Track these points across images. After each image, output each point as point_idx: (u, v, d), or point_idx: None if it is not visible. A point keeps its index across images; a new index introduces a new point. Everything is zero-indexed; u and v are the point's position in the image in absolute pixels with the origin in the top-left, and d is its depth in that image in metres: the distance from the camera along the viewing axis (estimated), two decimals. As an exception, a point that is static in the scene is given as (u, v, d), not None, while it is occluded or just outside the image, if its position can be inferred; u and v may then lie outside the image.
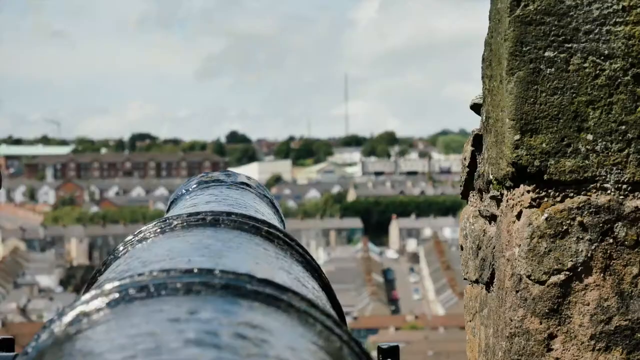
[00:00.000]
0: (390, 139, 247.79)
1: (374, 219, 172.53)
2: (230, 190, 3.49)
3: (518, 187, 2.82)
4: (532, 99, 2.76)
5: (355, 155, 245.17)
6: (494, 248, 3.01)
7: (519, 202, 2.80)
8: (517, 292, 2.78)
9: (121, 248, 2.40)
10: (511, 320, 2.78)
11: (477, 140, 3.13)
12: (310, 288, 2.26)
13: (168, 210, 3.56)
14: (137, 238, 2.42)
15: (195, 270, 1.69)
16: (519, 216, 2.80)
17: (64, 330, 1.61)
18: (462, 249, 3.35)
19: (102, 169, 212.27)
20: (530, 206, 2.79)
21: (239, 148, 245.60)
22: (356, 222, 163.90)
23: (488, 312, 3.07)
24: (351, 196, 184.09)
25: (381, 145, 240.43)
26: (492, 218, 3.04)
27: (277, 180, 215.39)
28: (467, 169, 3.24)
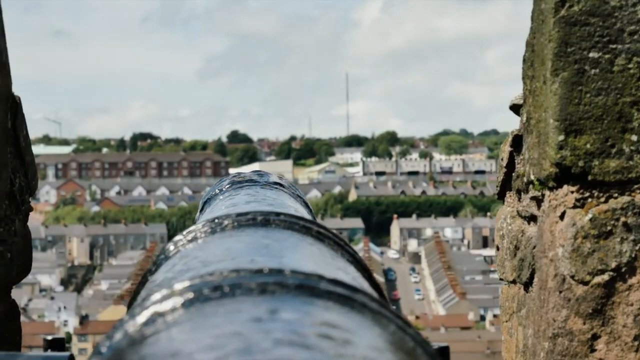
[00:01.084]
0: (391, 139, 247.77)
1: (375, 219, 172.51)
2: (265, 190, 3.48)
3: (561, 187, 2.81)
4: (576, 100, 2.76)
5: (356, 155, 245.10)
6: (533, 248, 3.01)
7: (563, 202, 2.79)
8: (560, 292, 2.77)
9: (172, 248, 2.40)
10: (554, 321, 2.78)
11: (516, 141, 3.12)
12: (366, 288, 2.26)
13: (202, 210, 3.55)
14: (187, 238, 2.42)
15: (266, 271, 1.68)
16: (562, 217, 2.80)
17: (139, 330, 1.60)
18: (497, 249, 3.35)
19: (103, 168, 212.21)
20: (574, 207, 2.78)
21: (240, 148, 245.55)
22: (357, 222, 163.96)
23: (527, 313, 3.06)
24: (352, 196, 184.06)
25: (382, 145, 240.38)
26: (531, 218, 3.04)
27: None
28: (504, 170, 3.24)
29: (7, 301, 3.12)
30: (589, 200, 2.77)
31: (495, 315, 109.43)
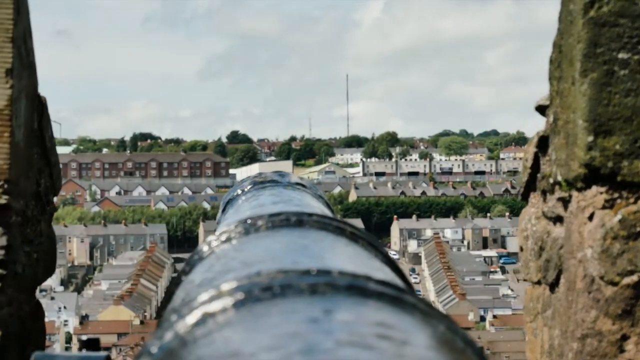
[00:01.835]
0: (391, 139, 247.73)
1: (375, 219, 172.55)
2: (289, 190, 3.48)
3: (590, 188, 2.81)
4: (605, 101, 2.76)
5: (356, 156, 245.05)
6: (560, 249, 3.01)
7: (591, 203, 2.80)
8: (589, 293, 2.77)
9: (205, 249, 2.40)
10: (583, 322, 2.78)
11: (542, 142, 3.12)
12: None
13: (224, 211, 3.55)
14: (221, 239, 2.41)
15: (314, 271, 1.69)
16: (591, 217, 2.80)
17: (190, 331, 1.60)
18: (521, 249, 3.35)
19: (103, 168, 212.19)
20: (603, 207, 2.78)
21: (240, 148, 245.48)
22: (357, 223, 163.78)
23: (553, 313, 3.07)
24: (352, 197, 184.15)
25: (382, 146, 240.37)
26: (557, 219, 3.04)
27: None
28: (528, 170, 3.24)
29: (32, 301, 3.12)
30: (618, 201, 2.77)
31: (495, 316, 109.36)
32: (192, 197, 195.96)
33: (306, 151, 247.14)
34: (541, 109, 3.14)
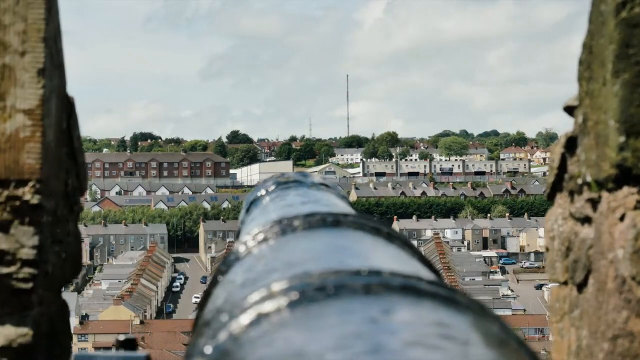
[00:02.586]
0: (391, 140, 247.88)
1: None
2: (314, 191, 3.48)
3: (621, 189, 2.82)
4: (637, 102, 2.77)
5: (356, 156, 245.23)
6: (588, 249, 3.02)
7: (622, 204, 2.80)
8: (620, 294, 2.78)
9: (242, 249, 2.39)
10: (614, 322, 2.78)
11: (570, 143, 3.13)
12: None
13: (248, 211, 3.55)
14: (257, 239, 2.41)
15: (365, 272, 1.69)
16: (622, 218, 2.80)
17: (245, 331, 1.60)
18: (547, 250, 3.35)
19: (103, 168, 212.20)
20: (635, 208, 2.79)
21: (241, 148, 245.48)
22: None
23: (581, 314, 3.07)
24: (352, 197, 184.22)
25: (382, 146, 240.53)
26: (585, 220, 3.05)
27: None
28: (555, 171, 3.24)
29: (59, 301, 3.12)
30: (650, 201, 2.77)
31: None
32: (192, 197, 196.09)
33: (306, 151, 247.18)
34: (569, 110, 3.15)
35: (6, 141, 2.79)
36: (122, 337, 2.37)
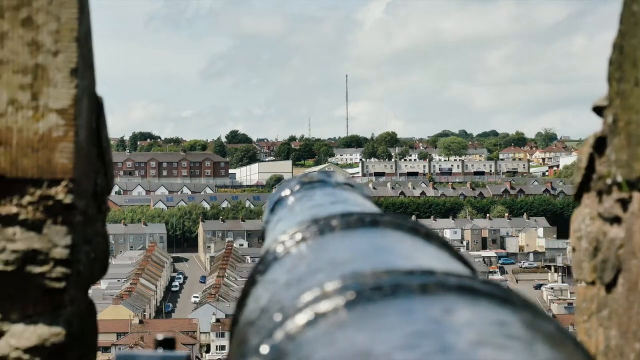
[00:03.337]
0: (390, 140, 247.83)
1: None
2: (340, 190, 3.48)
3: (653, 189, 2.83)
4: (670, 102, 2.78)
5: (355, 156, 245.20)
6: (617, 249, 3.02)
7: (654, 204, 2.81)
8: (652, 293, 2.79)
9: (280, 249, 2.39)
10: (646, 322, 2.79)
11: (599, 143, 3.13)
12: None
13: (272, 211, 3.54)
14: (295, 239, 2.41)
15: (419, 271, 1.69)
16: (654, 218, 2.81)
17: (301, 331, 1.60)
18: (574, 250, 3.36)
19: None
20: (667, 208, 2.80)
21: (240, 148, 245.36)
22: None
23: (609, 314, 3.07)
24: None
25: (382, 146, 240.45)
26: (614, 220, 3.05)
27: (277, 180, 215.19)
28: (582, 171, 3.25)
29: (87, 300, 3.13)
30: (682, 202, 2.78)
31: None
32: (192, 197, 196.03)
33: (305, 151, 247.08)
34: (598, 110, 3.15)
35: (39, 141, 2.80)
36: (160, 336, 2.36)
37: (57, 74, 2.79)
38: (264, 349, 1.59)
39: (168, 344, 2.39)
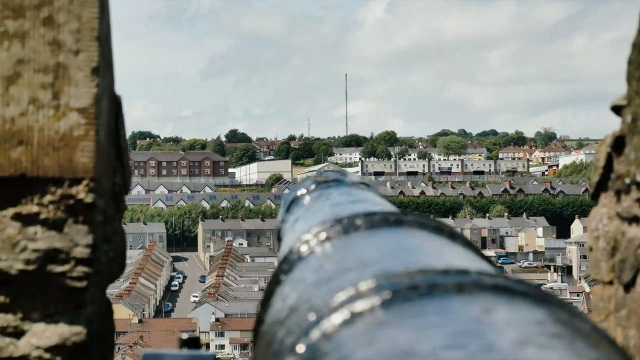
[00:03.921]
0: (390, 139, 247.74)
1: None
2: (355, 190, 3.47)
3: (673, 188, 2.83)
4: (691, 102, 2.78)
5: (355, 155, 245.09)
6: (636, 249, 3.02)
7: (675, 203, 2.81)
8: (672, 293, 2.79)
9: (304, 248, 2.38)
10: (666, 322, 2.79)
11: (617, 142, 3.13)
12: None
13: (288, 210, 3.54)
14: (319, 238, 2.40)
15: (453, 271, 1.69)
16: (674, 218, 2.81)
17: (338, 330, 1.59)
18: (591, 249, 3.36)
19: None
20: (688, 208, 2.80)
21: (240, 147, 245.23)
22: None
23: (628, 313, 3.07)
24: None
25: (381, 145, 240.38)
26: (633, 220, 3.05)
27: (277, 180, 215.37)
28: (600, 171, 3.25)
29: (105, 300, 3.13)
30: (703, 202, 2.78)
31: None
32: (191, 196, 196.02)
33: (305, 150, 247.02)
34: (617, 109, 3.15)
35: (60, 140, 2.80)
36: (185, 336, 2.36)
37: (78, 73, 2.79)
38: (300, 348, 1.59)
39: (193, 343, 2.39)
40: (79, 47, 2.80)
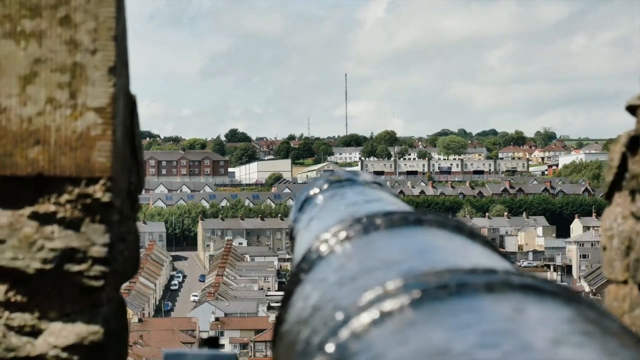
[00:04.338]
0: (390, 138, 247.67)
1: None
2: (369, 189, 3.47)
3: (690, 188, 2.83)
4: None
5: (354, 155, 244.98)
6: (652, 249, 3.03)
7: (691, 203, 2.81)
8: (689, 292, 2.79)
9: (324, 247, 2.38)
10: (683, 321, 2.80)
11: (632, 142, 3.13)
12: None
13: (301, 209, 3.54)
14: (339, 237, 2.40)
15: (480, 270, 1.68)
16: (690, 217, 2.82)
17: (367, 329, 1.59)
18: (604, 249, 3.36)
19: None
20: None
21: (239, 147, 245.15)
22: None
23: (643, 313, 3.08)
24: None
25: (381, 145, 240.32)
26: (647, 219, 3.06)
27: (276, 179, 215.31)
28: (614, 170, 3.25)
29: (119, 299, 3.13)
30: None
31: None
32: (191, 196, 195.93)
33: (305, 150, 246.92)
34: (632, 109, 3.15)
35: (77, 139, 2.80)
36: (205, 335, 2.37)
37: (95, 73, 2.79)
38: (330, 348, 1.58)
39: (213, 342, 2.40)
40: (95, 47, 2.80)
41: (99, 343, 2.80)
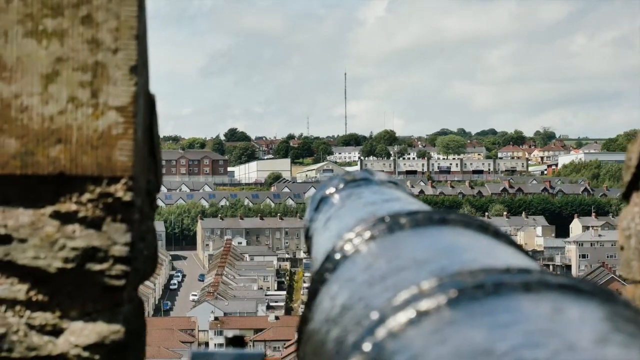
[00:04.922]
0: (389, 138, 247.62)
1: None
2: (386, 188, 3.48)
3: None
4: None
5: (354, 154, 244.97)
6: (670, 248, 3.03)
7: None
8: None
9: (348, 247, 2.38)
10: None
11: (651, 141, 3.13)
12: None
13: (317, 209, 3.54)
14: (364, 237, 2.40)
15: (515, 269, 1.69)
16: None
17: (404, 329, 1.59)
18: (622, 249, 3.36)
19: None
20: None
21: (239, 146, 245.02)
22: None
23: (661, 313, 3.08)
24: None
25: (380, 144, 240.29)
26: (666, 219, 3.06)
27: (276, 179, 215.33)
28: (632, 170, 3.25)
29: (137, 298, 3.13)
30: None
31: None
32: (190, 195, 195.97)
33: (304, 149, 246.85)
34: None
35: (98, 138, 2.80)
36: (230, 334, 2.37)
37: (116, 72, 2.79)
38: (367, 347, 1.58)
39: (238, 341, 2.40)
40: (117, 46, 2.80)
41: (120, 342, 2.80)
